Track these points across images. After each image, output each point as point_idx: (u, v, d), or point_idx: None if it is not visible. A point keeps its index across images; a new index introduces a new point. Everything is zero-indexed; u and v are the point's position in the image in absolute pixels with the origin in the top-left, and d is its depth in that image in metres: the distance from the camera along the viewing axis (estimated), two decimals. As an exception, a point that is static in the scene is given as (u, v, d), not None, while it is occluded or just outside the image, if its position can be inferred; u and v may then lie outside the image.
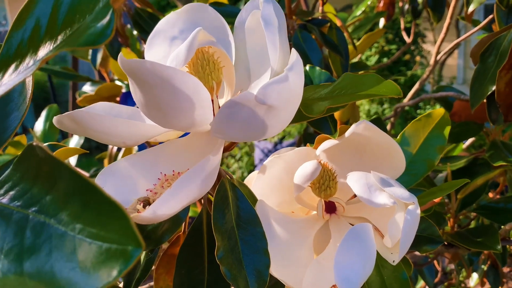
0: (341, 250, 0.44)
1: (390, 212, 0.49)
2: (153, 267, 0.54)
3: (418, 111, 4.51)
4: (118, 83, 1.28)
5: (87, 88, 1.42)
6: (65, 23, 0.29)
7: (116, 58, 1.03)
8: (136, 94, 0.37)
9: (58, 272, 0.21)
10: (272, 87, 0.34)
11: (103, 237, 0.21)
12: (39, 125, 1.25)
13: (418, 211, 0.45)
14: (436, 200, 0.51)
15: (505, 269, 2.72)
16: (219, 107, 0.45)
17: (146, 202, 0.40)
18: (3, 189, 0.27)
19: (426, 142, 0.57)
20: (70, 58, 2.51)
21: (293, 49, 0.38)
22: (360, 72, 1.01)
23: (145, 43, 1.14)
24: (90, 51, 1.13)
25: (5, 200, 0.26)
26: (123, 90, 1.25)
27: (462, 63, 6.19)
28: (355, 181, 0.47)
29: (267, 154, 4.04)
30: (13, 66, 0.29)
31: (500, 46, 0.77)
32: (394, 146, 0.50)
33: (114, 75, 1.32)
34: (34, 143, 0.25)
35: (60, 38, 0.28)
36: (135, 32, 1.21)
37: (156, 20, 1.02)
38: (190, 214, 0.55)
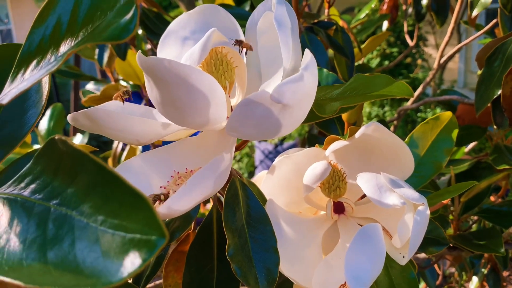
0: (351, 250, 0.45)
1: (399, 213, 0.49)
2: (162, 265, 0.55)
3: (419, 114, 4.52)
4: (122, 83, 1.28)
5: (90, 87, 1.42)
6: (86, 20, 0.29)
7: (122, 58, 1.04)
8: (152, 92, 0.37)
9: (81, 261, 0.21)
10: (288, 86, 0.34)
11: (126, 228, 0.21)
12: (43, 124, 1.25)
13: (428, 212, 0.45)
14: (445, 201, 0.51)
15: (505, 273, 2.72)
16: (231, 106, 0.46)
17: (157, 198, 0.40)
18: (24, 182, 0.27)
19: (434, 145, 0.58)
20: (72, 58, 2.51)
21: (306, 49, 0.39)
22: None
23: (151, 43, 1.14)
24: (97, 51, 1.14)
25: (26, 193, 0.27)
26: (128, 90, 1.25)
27: (463, 67, 6.20)
28: (365, 182, 0.48)
29: (267, 155, 4.04)
30: (34, 62, 0.29)
31: (506, 51, 0.77)
32: (403, 147, 0.51)
33: (118, 75, 1.32)
34: (56, 137, 0.25)
35: (81, 34, 0.29)
36: (140, 32, 1.21)
37: (162, 20, 1.02)
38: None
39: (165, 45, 0.51)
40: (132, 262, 0.20)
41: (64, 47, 0.28)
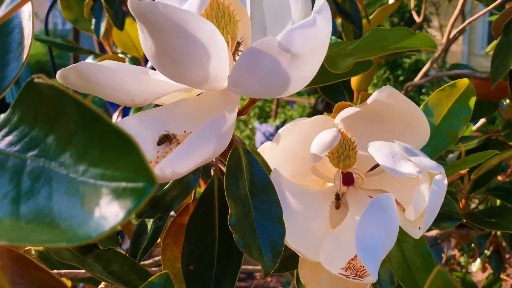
0: (362, 221, 0.42)
1: (412, 184, 0.46)
2: (159, 240, 0.52)
3: (422, 97, 4.47)
4: (121, 56, 1.24)
5: (89, 61, 1.38)
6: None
7: (120, 28, 0.99)
8: (146, 43, 0.33)
9: (58, 215, 0.18)
10: (298, 32, 0.30)
11: (109, 176, 0.18)
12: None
13: (445, 181, 0.42)
14: (463, 171, 0.48)
15: (506, 255, 2.71)
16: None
17: (166, 139, 0.37)
18: (-1, 134, 0.24)
19: (450, 113, 0.54)
20: (71, 34, 2.47)
21: (320, -6, 0.35)
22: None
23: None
24: (93, 21, 1.09)
25: (1, 145, 0.24)
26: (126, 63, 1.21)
27: (466, 50, 6.14)
28: (378, 150, 0.44)
29: (268, 137, 4.02)
30: (10, -2, 0.26)
31: (525, 18, 0.73)
32: (418, 114, 0.47)
33: (117, 48, 1.28)
34: (35, 78, 0.22)
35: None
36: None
37: (161, -11, 0.98)
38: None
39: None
40: (116, 214, 0.17)
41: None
